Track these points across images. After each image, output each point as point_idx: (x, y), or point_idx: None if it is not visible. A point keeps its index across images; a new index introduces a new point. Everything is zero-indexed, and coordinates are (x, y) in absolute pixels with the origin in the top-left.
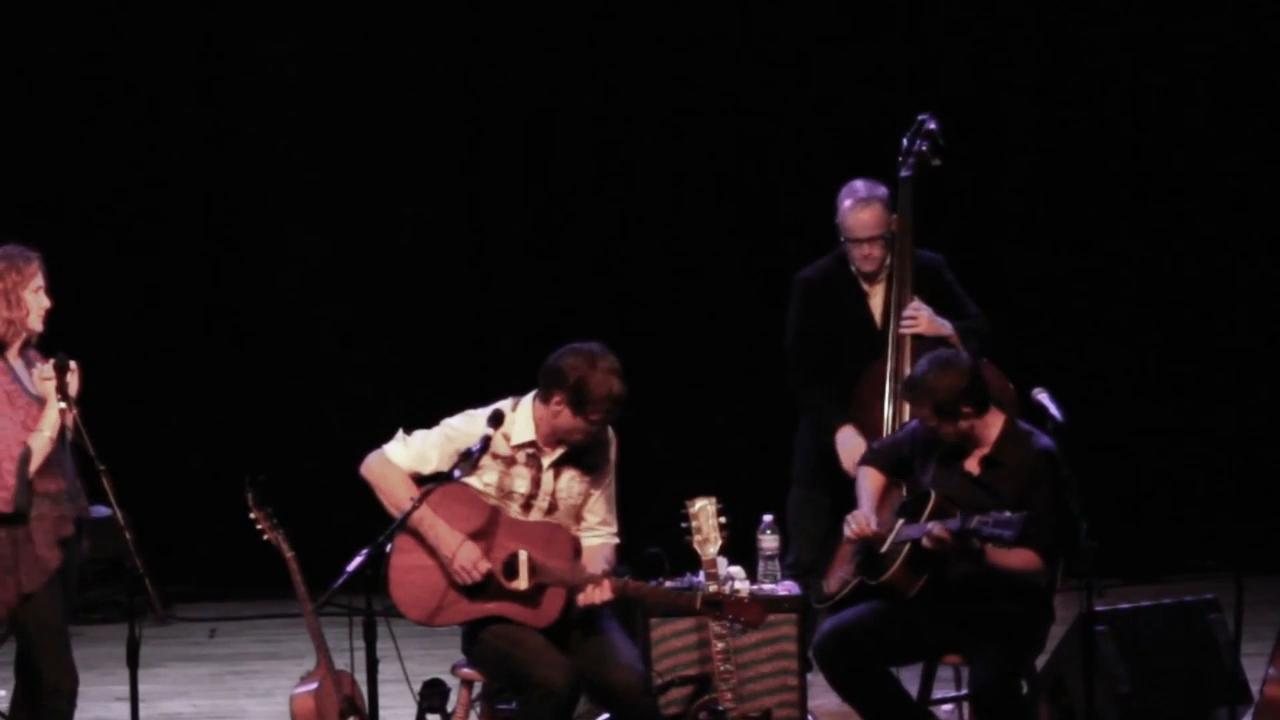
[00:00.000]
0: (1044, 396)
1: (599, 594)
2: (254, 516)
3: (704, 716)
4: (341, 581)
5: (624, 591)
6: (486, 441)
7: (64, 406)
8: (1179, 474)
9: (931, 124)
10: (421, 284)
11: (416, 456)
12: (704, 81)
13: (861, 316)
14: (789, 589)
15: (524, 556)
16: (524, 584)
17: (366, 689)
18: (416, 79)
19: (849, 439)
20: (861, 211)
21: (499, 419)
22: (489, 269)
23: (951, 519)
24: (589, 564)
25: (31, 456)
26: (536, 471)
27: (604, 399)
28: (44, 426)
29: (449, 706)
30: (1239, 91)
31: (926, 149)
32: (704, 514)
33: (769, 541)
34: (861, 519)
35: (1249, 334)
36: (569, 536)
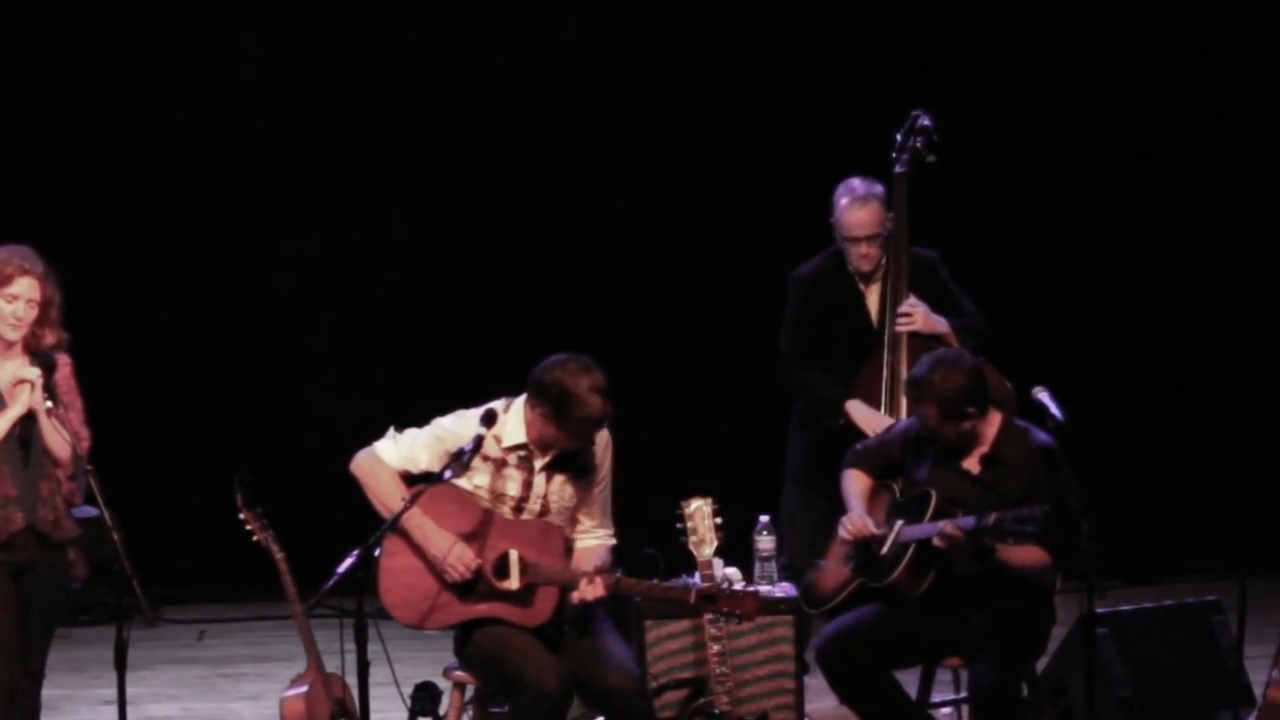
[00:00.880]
0: (1044, 396)
1: (591, 591)
2: (243, 517)
3: None
4: (332, 583)
5: (617, 588)
6: (479, 441)
7: (50, 405)
8: (1181, 474)
9: (926, 120)
10: (413, 282)
11: (406, 456)
12: (697, 77)
13: (857, 315)
14: (785, 590)
15: (515, 556)
16: (515, 584)
17: (357, 692)
18: (408, 78)
19: (861, 410)
20: (859, 210)
21: (491, 419)
22: (482, 267)
23: (960, 518)
24: (582, 564)
25: None
26: (528, 474)
27: (584, 419)
28: None
29: (441, 710)
30: (1241, 91)
31: (921, 145)
32: (699, 515)
33: (765, 542)
34: (858, 521)
35: (1252, 333)
36: (560, 535)
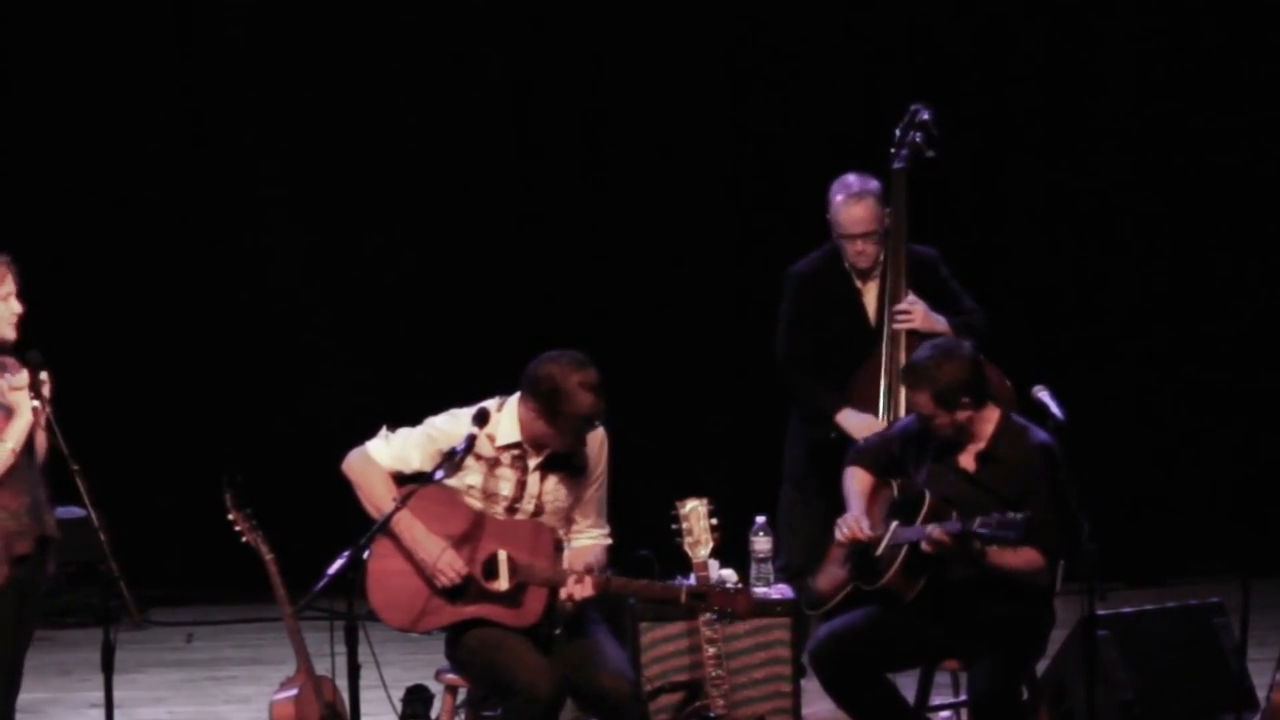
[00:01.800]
0: (1044, 395)
1: (580, 589)
2: (232, 518)
3: None
4: (322, 585)
5: (607, 587)
6: (472, 440)
7: (37, 405)
8: (1183, 474)
9: (925, 114)
10: (405, 281)
11: (398, 456)
12: (693, 73)
13: (855, 313)
14: (782, 592)
15: (503, 556)
16: (504, 584)
17: (348, 695)
18: (401, 69)
19: (853, 418)
20: (854, 206)
21: (484, 418)
22: (476, 264)
23: (950, 521)
24: (576, 564)
25: None
26: (522, 474)
27: (575, 416)
28: (8, 438)
29: (432, 713)
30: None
31: (920, 140)
32: (695, 515)
33: (762, 543)
34: (853, 523)
35: (1254, 333)
36: (551, 534)
